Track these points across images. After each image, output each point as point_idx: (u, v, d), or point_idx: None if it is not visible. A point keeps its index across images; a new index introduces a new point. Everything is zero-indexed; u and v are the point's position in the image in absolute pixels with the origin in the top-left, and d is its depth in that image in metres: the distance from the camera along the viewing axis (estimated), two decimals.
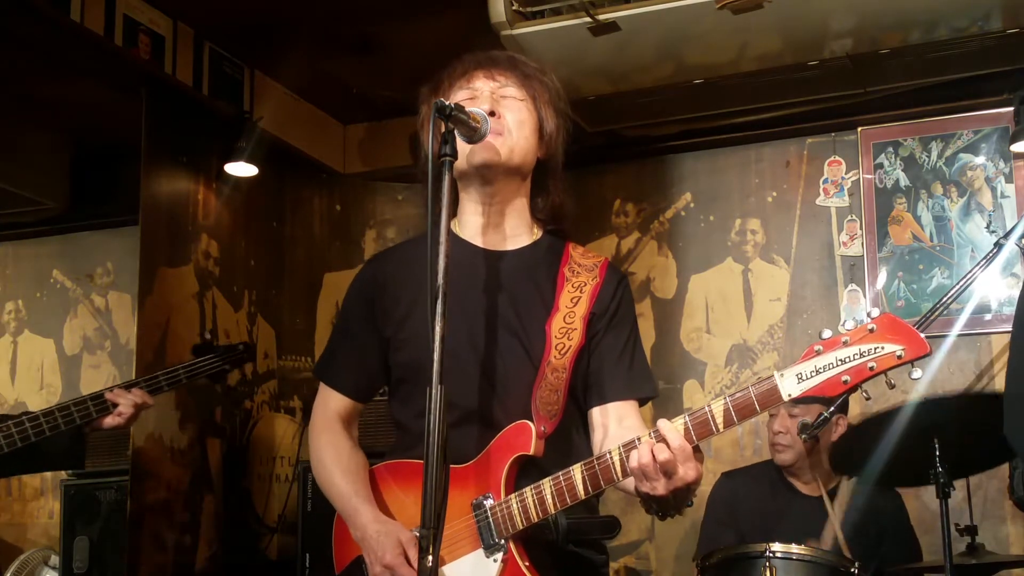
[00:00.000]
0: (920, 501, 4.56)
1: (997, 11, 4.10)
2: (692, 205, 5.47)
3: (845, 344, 1.96)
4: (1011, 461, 3.82)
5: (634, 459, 2.05)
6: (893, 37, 4.31)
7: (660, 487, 2.04)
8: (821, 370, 1.97)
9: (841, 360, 1.96)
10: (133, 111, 4.69)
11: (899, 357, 1.93)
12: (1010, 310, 4.75)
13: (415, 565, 2.17)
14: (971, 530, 3.73)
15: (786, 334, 5.19)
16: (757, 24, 4.10)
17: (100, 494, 4.75)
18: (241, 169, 5.13)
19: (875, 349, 1.94)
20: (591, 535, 2.29)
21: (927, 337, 1.96)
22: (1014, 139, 4.81)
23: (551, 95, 2.43)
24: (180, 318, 4.84)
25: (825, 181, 5.23)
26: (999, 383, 4.73)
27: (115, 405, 3.50)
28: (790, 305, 5.21)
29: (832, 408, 3.89)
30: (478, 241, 2.41)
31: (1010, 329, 4.72)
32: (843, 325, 1.99)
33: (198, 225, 5.04)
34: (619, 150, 5.55)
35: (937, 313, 4.24)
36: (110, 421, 3.52)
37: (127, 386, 3.59)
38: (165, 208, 4.85)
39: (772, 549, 3.52)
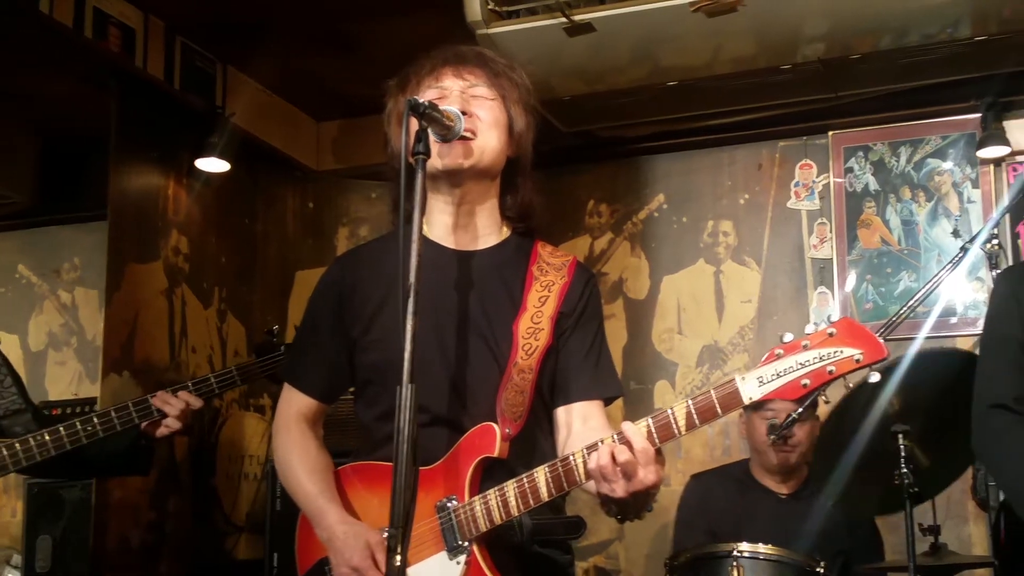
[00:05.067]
0: None
1: (966, 19, 4.13)
2: (665, 206, 5.48)
3: (805, 348, 1.97)
4: (975, 463, 3.86)
5: (593, 460, 2.05)
6: (864, 42, 4.34)
7: (619, 489, 2.03)
8: (782, 373, 1.98)
9: (801, 364, 1.97)
10: (102, 105, 4.66)
11: (857, 361, 1.94)
12: (975, 313, 4.79)
13: (383, 568, 2.16)
14: (934, 530, 3.76)
15: (756, 335, 5.21)
16: (731, 27, 4.12)
17: (64, 493, 4.68)
18: (213, 165, 5.11)
19: (834, 353, 1.95)
20: (556, 535, 2.28)
21: (894, 339, 1.98)
22: (981, 145, 4.87)
23: (520, 93, 2.40)
24: (148, 315, 4.81)
25: (796, 184, 5.26)
26: None
27: (160, 412, 3.25)
28: (761, 307, 5.23)
29: (800, 409, 3.92)
30: (447, 241, 2.39)
31: (975, 332, 4.80)
32: (811, 326, 2.00)
33: (168, 221, 5.00)
34: (593, 151, 5.56)
35: (904, 316, 4.27)
36: (162, 431, 3.28)
37: (174, 390, 3.32)
38: (134, 203, 4.82)
39: (740, 549, 3.54)
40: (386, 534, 1.90)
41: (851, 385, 1.98)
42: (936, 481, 3.68)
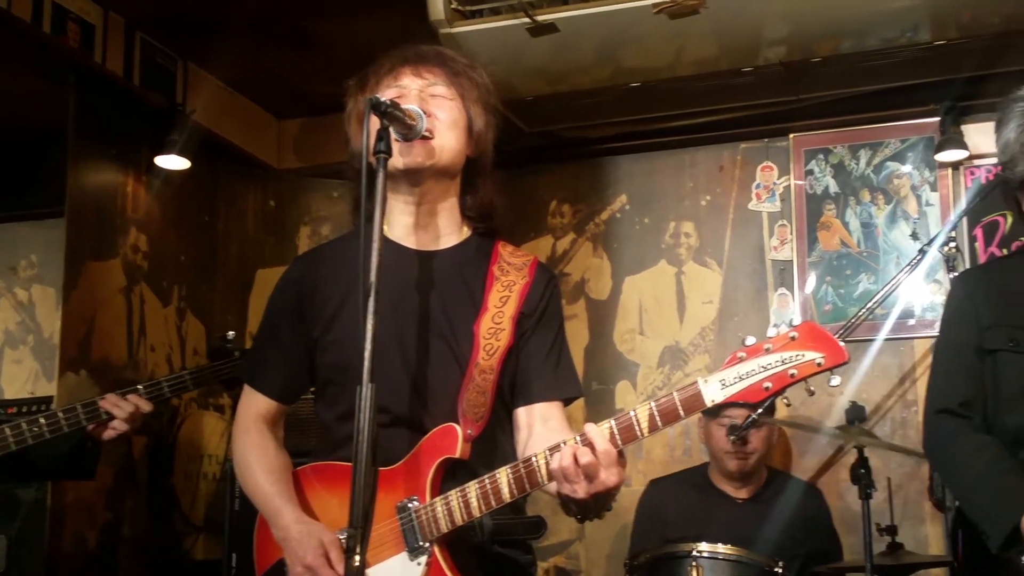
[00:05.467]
0: (843, 501, 4.64)
1: (925, 23, 4.17)
2: (627, 207, 5.50)
3: (767, 351, 1.98)
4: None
5: (555, 461, 2.05)
6: (825, 46, 4.37)
7: (580, 490, 2.04)
8: (744, 377, 1.99)
9: (763, 367, 1.98)
10: (61, 101, 4.60)
11: (819, 364, 1.96)
12: (932, 315, 4.84)
13: (336, 567, 2.15)
14: (891, 530, 3.80)
15: (717, 336, 5.23)
16: (693, 29, 4.13)
17: (20, 493, 4.62)
18: (172, 162, 5.06)
19: (796, 356, 1.97)
20: (517, 536, 2.28)
21: (853, 341, 2.00)
22: (939, 149, 4.91)
23: (480, 92, 2.40)
24: (106, 313, 4.76)
25: (757, 186, 5.28)
26: (921, 386, 4.82)
27: (108, 415, 3.17)
28: (722, 308, 5.26)
29: (759, 411, 3.95)
30: (407, 241, 2.39)
31: (932, 334, 4.85)
32: (772, 327, 2.01)
33: (127, 218, 4.95)
34: (556, 151, 5.56)
35: (863, 318, 4.32)
36: (109, 434, 3.19)
37: (124, 392, 3.24)
38: (92, 200, 4.77)
39: (699, 549, 3.57)
40: (345, 534, 1.88)
41: (812, 389, 1.99)
42: None
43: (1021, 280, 2.69)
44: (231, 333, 3.58)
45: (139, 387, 3.27)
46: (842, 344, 1.96)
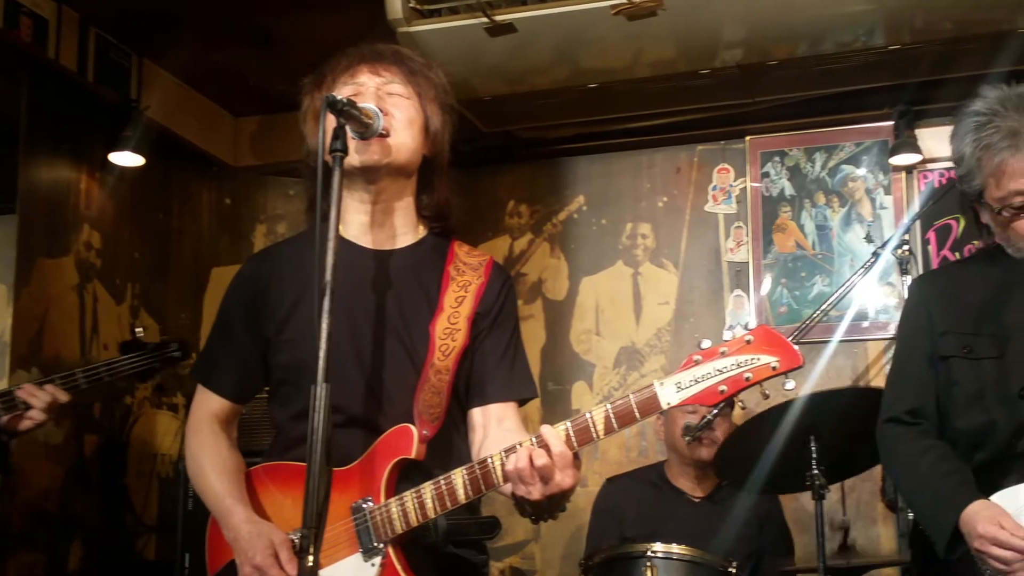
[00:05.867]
0: (797, 502, 4.67)
1: (880, 27, 4.22)
2: (585, 208, 5.51)
3: (723, 355, 1.99)
4: None
5: (511, 463, 2.05)
6: (781, 49, 4.41)
7: (536, 492, 2.04)
8: (699, 380, 2.00)
9: (719, 370, 1.99)
10: (12, 96, 4.55)
11: (774, 368, 1.97)
12: (886, 318, 4.89)
13: (287, 567, 2.14)
14: (844, 527, 3.83)
15: (673, 337, 5.26)
16: (651, 31, 4.15)
17: None
18: (126, 159, 5.01)
19: (751, 360, 1.98)
20: (470, 536, 2.28)
21: (807, 343, 2.01)
22: (893, 152, 4.97)
23: (437, 92, 2.40)
24: (59, 310, 4.71)
25: (714, 188, 5.32)
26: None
27: (26, 405, 3.16)
28: (678, 309, 5.28)
29: (715, 411, 3.97)
30: (362, 240, 2.37)
31: (886, 336, 4.90)
32: (727, 331, 2.02)
33: (80, 215, 4.90)
34: (514, 151, 5.57)
35: (817, 320, 4.35)
36: (26, 424, 3.17)
37: (41, 383, 3.23)
38: (45, 197, 4.71)
39: (653, 549, 3.57)
40: (298, 535, 1.87)
41: (768, 393, 2.01)
42: None
43: (976, 286, 2.70)
44: (139, 329, 3.60)
45: (55, 377, 3.27)
46: (797, 348, 1.98)
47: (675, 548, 3.60)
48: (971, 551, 2.44)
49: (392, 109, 2.29)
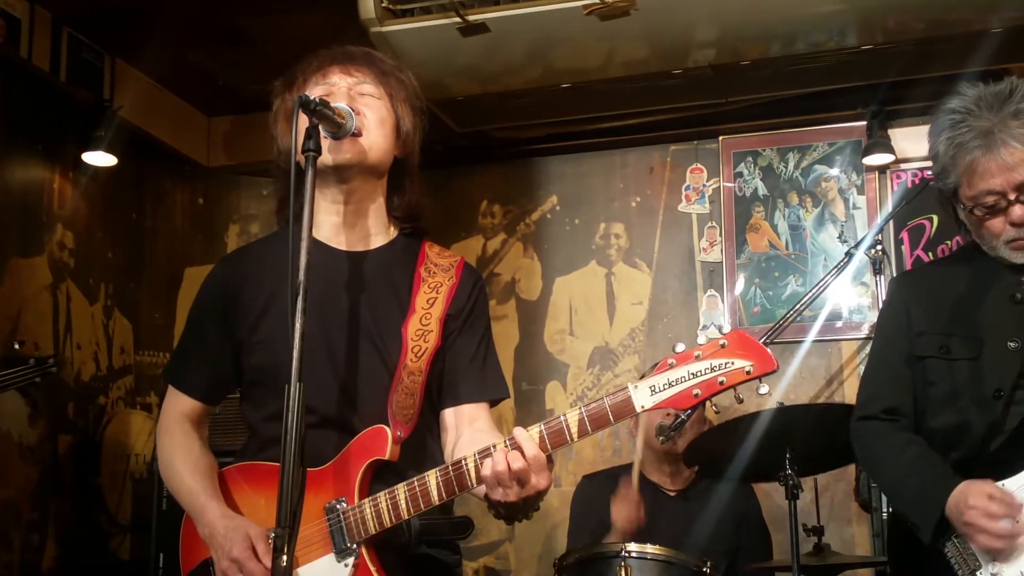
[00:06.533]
0: (771, 500, 4.68)
1: (852, 28, 4.24)
2: (558, 208, 5.52)
3: (697, 358, 2.00)
4: (858, 463, 3.95)
5: (488, 467, 2.05)
6: (754, 49, 4.43)
7: (512, 494, 2.05)
8: (674, 383, 2.01)
9: (693, 374, 2.00)
10: None
11: (748, 373, 1.98)
12: (859, 317, 4.92)
13: (263, 559, 2.14)
14: (818, 531, 3.84)
15: (647, 337, 5.27)
16: (624, 31, 4.16)
17: None
18: (99, 159, 5.00)
19: (725, 364, 1.98)
20: (444, 536, 2.29)
21: (781, 343, 2.02)
22: (866, 152, 4.99)
23: (408, 93, 2.41)
24: (32, 310, 4.69)
25: (687, 188, 5.34)
26: (848, 388, 4.90)
27: None
28: (651, 309, 5.30)
29: (689, 412, 3.98)
30: (334, 242, 2.38)
31: (859, 336, 4.92)
32: (701, 331, 2.03)
33: (53, 215, 4.88)
34: (487, 151, 5.57)
35: (791, 320, 4.37)
36: None
37: None
38: (18, 197, 4.70)
39: (628, 549, 3.58)
40: (273, 534, 1.87)
41: (742, 397, 2.02)
42: None
43: (954, 286, 2.71)
44: (16, 345, 3.50)
45: None
46: (771, 353, 1.99)
47: (649, 548, 3.60)
48: (960, 528, 2.45)
49: (364, 109, 2.30)
